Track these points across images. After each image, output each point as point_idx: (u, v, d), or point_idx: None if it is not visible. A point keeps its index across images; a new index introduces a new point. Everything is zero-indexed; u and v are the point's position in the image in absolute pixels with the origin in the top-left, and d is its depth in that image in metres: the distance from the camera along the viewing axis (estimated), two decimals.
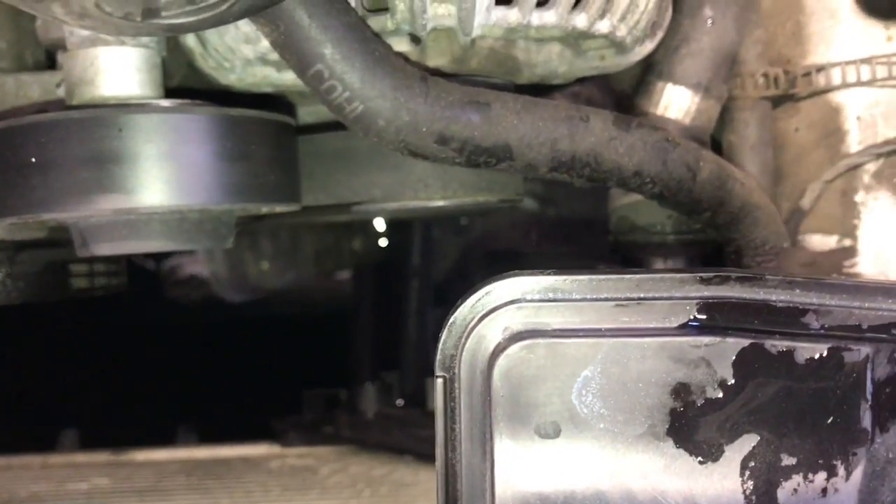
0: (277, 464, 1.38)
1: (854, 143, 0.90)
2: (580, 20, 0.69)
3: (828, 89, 0.90)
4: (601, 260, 1.30)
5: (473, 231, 1.72)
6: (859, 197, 0.90)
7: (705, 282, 0.52)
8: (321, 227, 1.58)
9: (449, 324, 0.53)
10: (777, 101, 0.93)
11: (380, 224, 1.60)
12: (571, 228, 1.60)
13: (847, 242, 0.91)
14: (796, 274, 0.52)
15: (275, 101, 0.82)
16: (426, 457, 1.29)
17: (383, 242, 1.73)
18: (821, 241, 0.92)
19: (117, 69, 0.70)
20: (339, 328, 1.79)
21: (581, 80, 0.88)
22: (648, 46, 0.79)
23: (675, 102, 0.84)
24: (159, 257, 1.67)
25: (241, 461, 1.40)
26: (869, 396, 0.52)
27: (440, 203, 0.81)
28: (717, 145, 0.95)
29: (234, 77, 0.76)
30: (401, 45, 0.71)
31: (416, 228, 1.71)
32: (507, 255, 1.57)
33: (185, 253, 1.65)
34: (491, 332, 0.53)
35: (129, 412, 1.72)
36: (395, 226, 1.65)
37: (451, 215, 1.52)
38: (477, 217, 1.66)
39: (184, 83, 0.84)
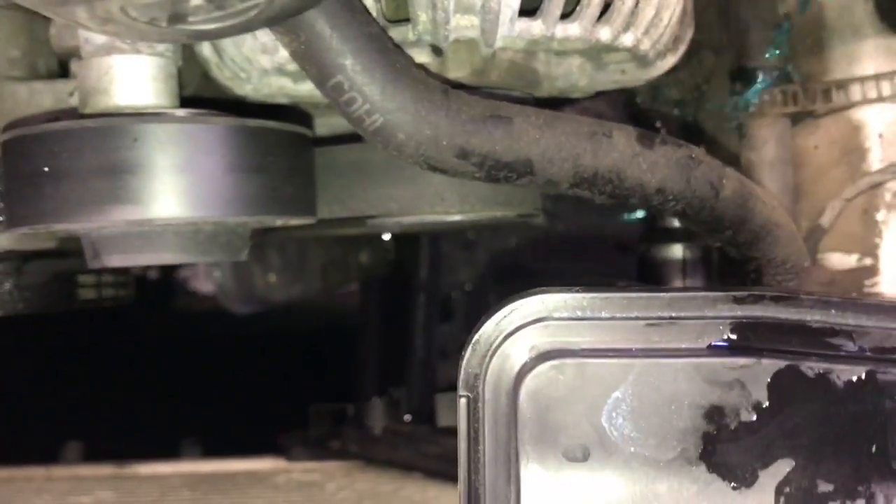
0: (283, 479, 1.37)
1: (875, 160, 0.89)
2: (604, 33, 0.68)
3: (848, 106, 0.89)
4: (611, 275, 1.29)
5: (482, 246, 1.71)
6: (880, 215, 0.89)
7: (739, 301, 0.51)
8: (329, 239, 1.57)
9: (473, 342, 0.52)
10: (796, 118, 0.92)
11: (388, 237, 1.60)
12: (579, 244, 1.59)
13: (868, 261, 0.90)
14: (832, 294, 0.51)
15: (290, 112, 0.81)
16: (434, 474, 1.28)
17: (391, 256, 1.72)
18: (841, 260, 0.91)
19: (132, 78, 0.69)
20: (346, 342, 1.77)
21: (593, 96, 0.87)
22: (671, 60, 0.78)
23: None
24: (167, 269, 1.66)
25: (246, 476, 1.39)
26: None
27: (457, 217, 0.80)
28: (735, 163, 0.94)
29: (249, 87, 0.75)
30: (422, 56, 0.70)
31: (423, 242, 1.70)
32: (515, 271, 1.55)
33: (191, 264, 1.64)
34: (517, 352, 0.51)
35: (134, 425, 1.70)
36: (402, 239, 1.64)
37: (465, 229, 1.51)
38: (485, 232, 1.65)
39: (198, 93, 0.83)
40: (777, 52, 0.92)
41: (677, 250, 0.86)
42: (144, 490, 1.35)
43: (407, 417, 1.41)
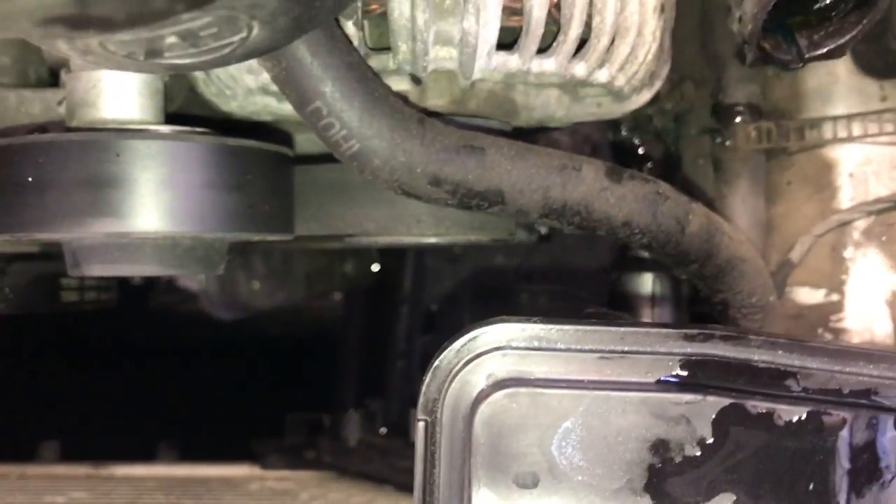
0: (257, 486, 1.38)
1: (846, 199, 0.91)
2: (579, 69, 0.70)
3: (821, 144, 0.91)
4: (587, 299, 1.30)
5: (466, 261, 1.72)
6: (848, 253, 0.91)
7: (689, 338, 0.53)
8: (314, 249, 1.58)
9: (434, 367, 0.53)
10: (770, 154, 0.94)
11: (373, 249, 1.61)
12: (564, 264, 1.60)
13: (834, 297, 0.92)
14: (779, 335, 0.53)
15: (272, 131, 0.82)
16: (407, 488, 1.29)
17: (376, 267, 1.73)
18: (808, 295, 0.93)
19: (119, 93, 0.71)
20: (327, 351, 1.78)
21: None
22: (646, 95, 0.80)
23: None
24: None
25: (220, 481, 1.40)
26: (846, 462, 0.53)
27: (433, 240, 0.81)
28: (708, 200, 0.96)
29: (235, 104, 0.77)
30: (401, 84, 0.72)
31: (409, 255, 1.71)
32: (497, 290, 1.57)
33: None
34: (475, 378, 0.53)
35: (112, 426, 1.71)
36: (388, 251, 1.65)
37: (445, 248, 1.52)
38: (471, 248, 1.67)
39: (184, 106, 0.85)
40: (754, 88, 0.94)
41: (647, 280, 0.88)
42: (119, 492, 1.36)
43: (382, 430, 1.43)
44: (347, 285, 1.76)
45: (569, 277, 1.55)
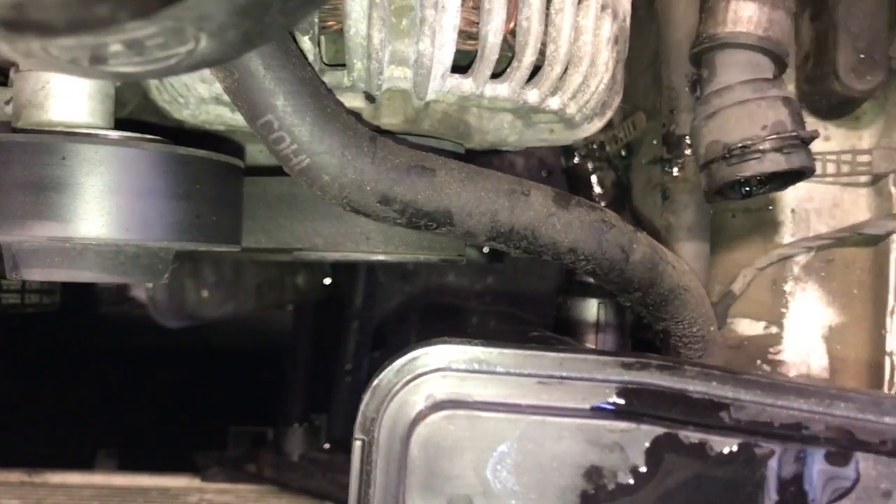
0: (196, 498, 1.36)
1: (787, 234, 0.94)
2: (532, 95, 0.71)
3: None
4: (541, 323, 1.31)
5: (418, 279, 1.72)
6: (788, 287, 0.93)
7: (626, 366, 0.53)
8: (265, 260, 1.56)
9: (373, 386, 0.53)
10: None
11: (325, 262, 1.60)
12: (514, 286, 1.61)
13: (773, 329, 0.93)
14: (714, 366, 0.53)
15: (223, 141, 0.82)
16: None
17: (327, 281, 1.72)
18: (749, 326, 0.94)
19: (68, 95, 0.70)
20: (274, 363, 1.77)
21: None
22: (597, 124, 0.81)
23: (744, 15, 0.79)
24: None
25: (159, 492, 1.38)
26: (774, 493, 0.54)
27: (381, 257, 0.81)
28: (655, 228, 0.98)
29: (187, 113, 0.76)
30: (355, 101, 0.72)
31: (361, 270, 1.71)
32: (448, 308, 1.57)
33: None
34: (414, 399, 0.53)
35: (50, 432, 1.67)
36: (340, 266, 1.65)
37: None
38: (423, 266, 1.66)
39: (137, 112, 0.84)
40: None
41: (592, 306, 0.89)
42: (54, 499, 1.33)
43: (326, 446, 1.41)
44: (298, 298, 1.75)
45: (518, 299, 1.55)
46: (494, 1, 0.64)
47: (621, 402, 0.53)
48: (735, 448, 0.53)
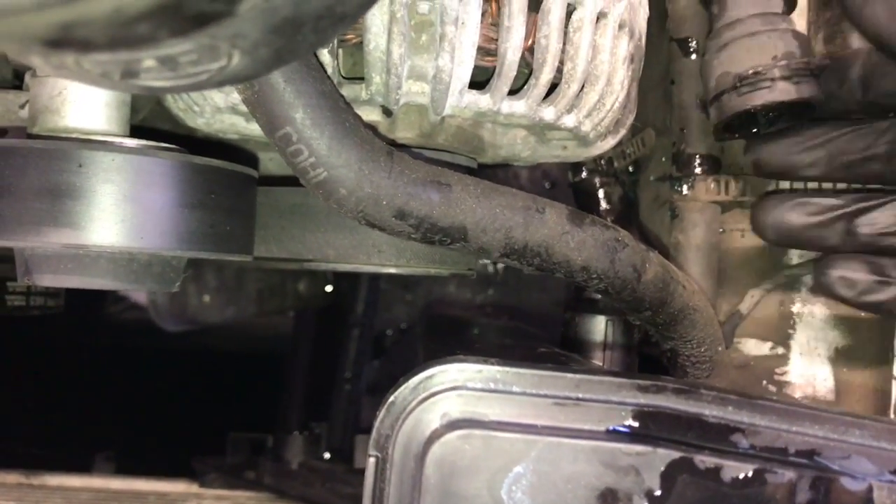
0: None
1: (795, 255, 0.94)
2: (548, 113, 0.71)
3: None
4: (545, 337, 1.31)
5: (420, 288, 1.72)
6: (796, 308, 0.93)
7: (643, 389, 0.53)
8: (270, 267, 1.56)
9: (388, 403, 0.53)
10: (726, 206, 0.96)
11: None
12: (518, 299, 1.61)
13: (780, 350, 0.93)
14: (730, 390, 0.53)
15: (237, 151, 0.82)
16: None
17: (329, 288, 1.72)
18: (756, 346, 0.94)
19: (85, 101, 0.70)
20: (274, 370, 1.76)
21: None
22: (610, 142, 0.81)
23: None
24: None
25: (156, 497, 1.37)
26: None
27: (392, 270, 0.81)
28: (662, 245, 0.98)
29: (202, 121, 0.76)
30: (372, 114, 0.72)
31: (363, 278, 1.71)
32: (450, 320, 1.57)
33: None
34: (429, 417, 0.53)
35: (50, 435, 1.67)
36: (342, 273, 1.64)
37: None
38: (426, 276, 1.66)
39: (149, 118, 0.84)
40: (714, 141, 0.96)
41: (601, 323, 0.89)
42: (51, 502, 1.32)
43: (326, 455, 1.41)
44: (300, 304, 1.75)
45: (522, 313, 1.55)
46: (514, 19, 0.65)
47: (637, 425, 0.53)
48: (749, 474, 0.53)
